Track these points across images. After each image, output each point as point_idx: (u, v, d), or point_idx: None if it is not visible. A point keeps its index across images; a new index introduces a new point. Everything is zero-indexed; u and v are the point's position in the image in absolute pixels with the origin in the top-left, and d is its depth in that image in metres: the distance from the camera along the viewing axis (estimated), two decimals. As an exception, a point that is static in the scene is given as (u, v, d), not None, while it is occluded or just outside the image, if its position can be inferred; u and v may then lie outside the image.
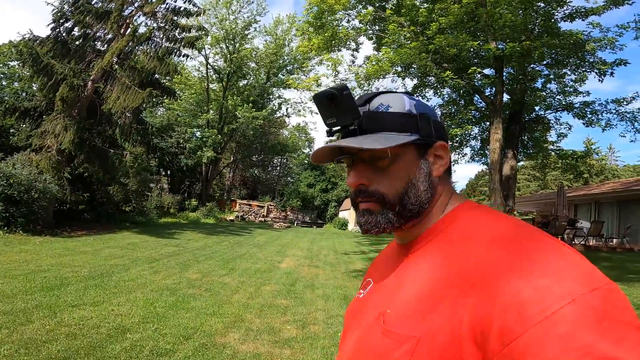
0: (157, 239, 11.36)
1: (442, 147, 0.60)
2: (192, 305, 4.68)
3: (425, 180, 0.58)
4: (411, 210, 0.57)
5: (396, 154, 0.57)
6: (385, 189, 0.57)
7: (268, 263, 8.43)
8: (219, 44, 21.98)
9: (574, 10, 8.41)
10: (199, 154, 22.03)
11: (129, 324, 3.82)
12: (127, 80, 11.31)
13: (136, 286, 5.49)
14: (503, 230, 0.50)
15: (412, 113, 0.58)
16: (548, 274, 0.41)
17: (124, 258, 7.73)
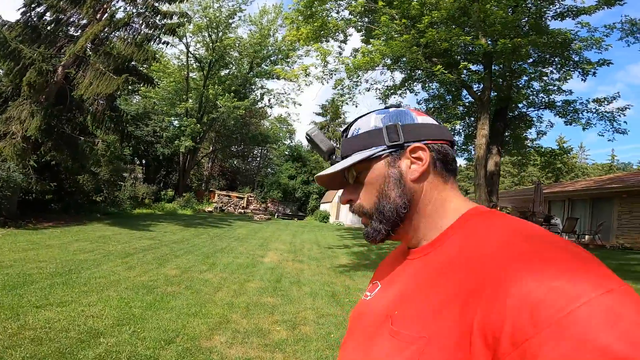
0: (131, 232, 10.81)
1: (418, 149, 0.60)
2: (172, 305, 4.36)
3: (396, 186, 0.59)
4: (390, 217, 0.59)
5: (365, 168, 0.61)
6: (364, 202, 0.62)
7: (250, 257, 8.14)
8: (201, 32, 21.13)
9: (565, 9, 8.46)
10: (176, 143, 21.21)
11: (102, 326, 3.48)
12: (102, 66, 10.72)
13: (109, 284, 5.10)
14: (515, 233, 0.50)
15: (377, 128, 0.61)
16: (562, 275, 0.40)
17: (94, 252, 7.25)
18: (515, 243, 0.47)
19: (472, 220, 0.57)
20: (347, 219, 21.56)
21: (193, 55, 22.54)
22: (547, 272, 0.41)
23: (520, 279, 0.42)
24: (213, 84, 21.39)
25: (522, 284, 0.41)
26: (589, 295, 0.38)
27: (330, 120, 35.13)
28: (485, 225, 0.55)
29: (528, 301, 0.40)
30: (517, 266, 0.43)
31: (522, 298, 0.40)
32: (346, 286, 6.14)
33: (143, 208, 19.00)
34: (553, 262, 0.42)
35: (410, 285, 0.57)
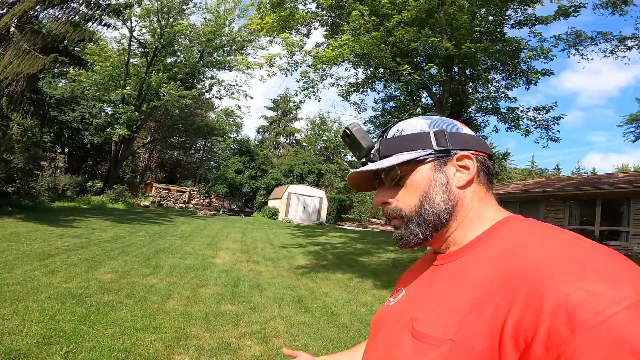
0: (50, 228, 9.28)
1: (466, 158, 0.60)
2: (113, 318, 3.59)
3: (442, 191, 0.58)
4: (431, 221, 0.58)
5: (410, 170, 0.60)
6: (402, 205, 0.60)
7: (200, 258, 7.36)
8: (149, 16, 19.11)
9: (525, 17, 8.93)
10: (109, 131, 18.96)
11: (23, 346, 2.69)
12: (26, 44, 9.14)
13: (25, 292, 4.11)
14: (554, 238, 0.48)
15: (423, 132, 0.61)
16: (602, 279, 0.40)
17: (5, 253, 5.96)
18: (553, 248, 0.46)
19: (506, 226, 0.56)
20: (296, 216, 21.16)
21: (137, 40, 20.37)
22: (586, 277, 0.40)
23: (558, 282, 0.41)
24: (157, 70, 19.52)
25: (560, 287, 0.40)
26: (630, 299, 0.38)
27: (281, 115, 34.41)
28: (521, 232, 0.53)
29: (566, 305, 0.39)
30: (554, 270, 0.42)
31: (560, 302, 0.39)
32: (310, 290, 5.75)
33: (64, 201, 16.71)
34: (592, 267, 0.42)
35: (437, 289, 0.56)
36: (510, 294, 0.44)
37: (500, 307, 0.44)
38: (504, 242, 0.52)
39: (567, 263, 0.43)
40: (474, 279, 0.50)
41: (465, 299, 0.49)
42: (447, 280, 0.55)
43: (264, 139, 34.99)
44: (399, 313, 0.60)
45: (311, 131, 33.73)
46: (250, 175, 24.31)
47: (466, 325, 0.46)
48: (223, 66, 22.25)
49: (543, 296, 0.41)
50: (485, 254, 0.53)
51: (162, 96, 19.46)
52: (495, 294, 0.46)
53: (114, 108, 19.88)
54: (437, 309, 0.52)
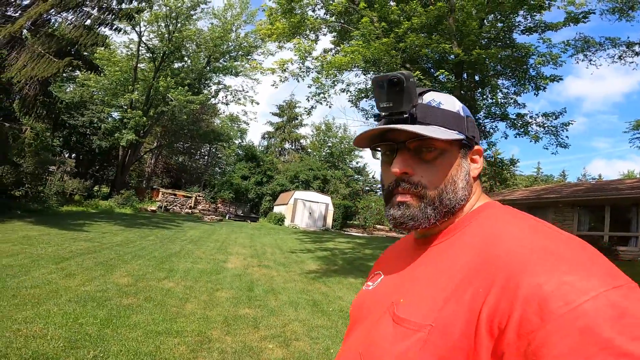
0: (61, 232, 9.34)
1: (479, 152, 0.63)
2: (135, 321, 3.60)
3: (464, 179, 0.58)
4: (447, 205, 0.57)
5: (443, 149, 0.58)
6: (427, 182, 0.57)
7: (212, 263, 7.38)
8: (157, 21, 19.38)
9: (534, 24, 8.98)
10: (116, 136, 19.11)
11: (50, 350, 2.70)
12: (40, 47, 9.28)
13: (45, 295, 4.14)
14: (531, 229, 0.49)
15: (460, 114, 0.60)
16: (573, 270, 0.41)
17: (19, 256, 6.00)
18: (531, 238, 0.47)
19: (486, 211, 0.57)
20: (302, 222, 21.14)
21: (145, 45, 20.63)
22: (559, 267, 0.42)
23: (533, 272, 0.42)
24: (165, 76, 19.73)
25: (534, 277, 0.41)
26: (598, 290, 0.39)
27: (287, 121, 34.54)
28: (498, 219, 0.54)
29: (538, 294, 0.40)
30: (529, 259, 0.43)
31: (532, 290, 0.40)
32: (324, 294, 5.74)
33: (73, 205, 16.80)
34: (565, 258, 0.43)
35: (418, 274, 0.55)
36: (487, 281, 0.45)
37: (478, 293, 0.45)
38: (483, 229, 0.53)
39: (541, 253, 0.44)
40: (454, 265, 0.51)
41: (445, 284, 0.49)
42: (428, 265, 0.55)
43: (269, 144, 35.14)
44: (380, 297, 0.59)
45: (316, 137, 33.83)
46: (256, 181, 24.38)
47: (445, 310, 0.47)
48: (230, 71, 22.45)
49: (517, 284, 0.42)
50: (464, 240, 0.54)
51: (169, 101, 19.63)
52: (474, 280, 0.46)
53: (121, 113, 20.06)
54: (418, 294, 0.52)
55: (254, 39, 22.45)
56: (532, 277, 0.41)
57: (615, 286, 0.40)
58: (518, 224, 0.51)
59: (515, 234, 0.49)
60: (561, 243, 0.46)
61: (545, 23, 9.01)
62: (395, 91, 0.57)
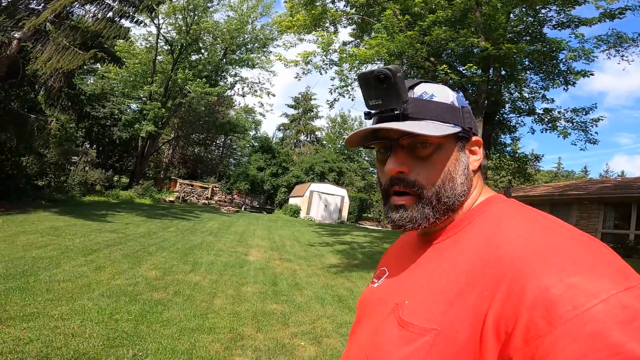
0: (86, 222, 9.56)
1: (478, 143, 0.60)
2: (168, 317, 3.64)
3: (463, 173, 0.56)
4: (446, 203, 0.55)
5: (438, 144, 0.56)
6: (423, 180, 0.55)
7: (234, 256, 7.44)
8: (175, 14, 19.45)
9: (567, 19, 8.62)
10: (136, 127, 19.40)
11: (90, 349, 2.74)
12: (65, 40, 9.40)
13: (78, 289, 4.23)
14: (535, 225, 0.48)
15: (454, 105, 0.57)
16: (580, 271, 0.40)
17: (49, 248, 6.16)
18: (535, 237, 0.45)
19: (490, 207, 0.55)
20: (317, 214, 21.17)
21: (164, 37, 20.76)
22: (566, 269, 0.40)
23: (538, 274, 0.40)
24: (183, 68, 19.86)
25: (540, 279, 0.40)
26: (608, 292, 0.37)
27: (302, 113, 34.44)
28: (503, 214, 0.52)
29: (545, 297, 0.38)
30: (536, 261, 0.42)
31: (539, 294, 0.39)
32: (348, 289, 5.72)
33: (94, 195, 17.21)
34: (572, 258, 0.41)
35: (421, 273, 0.54)
36: (492, 284, 0.43)
37: (482, 297, 0.44)
38: (486, 227, 0.52)
39: (547, 254, 0.42)
40: (457, 265, 0.49)
41: (450, 287, 0.48)
42: (431, 265, 0.54)
43: (285, 136, 35.16)
44: (384, 296, 0.58)
45: (332, 129, 33.65)
46: (272, 172, 24.46)
47: (450, 314, 0.46)
48: (246, 63, 22.44)
49: (523, 288, 0.40)
50: (467, 239, 0.52)
51: (187, 93, 19.77)
52: (478, 283, 0.45)
53: (141, 104, 20.33)
54: (422, 296, 0.51)
55: (270, 31, 22.32)
56: (538, 280, 0.40)
57: (628, 287, 0.38)
58: (521, 220, 0.49)
59: (518, 233, 0.47)
60: (568, 240, 0.44)
61: (579, 18, 8.61)
62: (383, 88, 0.54)
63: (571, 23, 8.68)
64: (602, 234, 12.66)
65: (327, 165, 25.47)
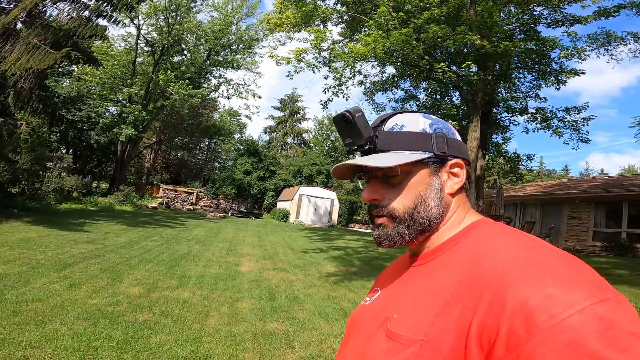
0: (61, 232, 8.87)
1: (458, 165, 0.61)
2: (156, 343, 3.15)
3: (436, 196, 0.59)
4: (422, 224, 0.58)
5: (407, 171, 0.59)
6: (396, 205, 0.59)
7: (224, 267, 6.93)
8: (156, 14, 18.71)
9: (562, 17, 8.53)
10: (115, 131, 18.52)
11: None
12: (36, 39, 8.75)
13: (49, 311, 3.68)
14: (519, 244, 0.50)
15: (425, 132, 0.60)
16: (558, 283, 0.42)
17: (17, 262, 5.54)
18: (517, 253, 0.48)
19: (475, 231, 0.57)
20: (307, 218, 20.69)
21: (144, 38, 19.96)
22: (544, 281, 0.42)
23: (518, 286, 0.43)
24: (165, 69, 19.11)
25: (519, 291, 0.42)
26: (583, 303, 0.39)
27: (289, 115, 33.89)
28: (488, 237, 0.54)
29: (524, 308, 0.40)
30: (515, 274, 0.44)
31: (518, 304, 0.41)
32: (351, 300, 5.31)
33: (71, 203, 16.29)
34: (551, 271, 0.43)
35: (410, 290, 0.57)
36: (476, 296, 0.45)
37: (467, 308, 0.45)
38: (472, 247, 0.54)
39: (527, 267, 0.44)
40: (444, 281, 0.51)
41: (436, 300, 0.50)
42: (420, 282, 0.56)
43: (271, 139, 34.53)
44: (375, 312, 0.60)
45: (319, 131, 33.26)
46: (259, 176, 23.84)
47: (436, 325, 0.47)
48: (231, 65, 21.83)
49: (504, 299, 0.42)
50: (454, 258, 0.54)
51: (170, 95, 19.04)
52: (463, 295, 0.47)
53: (120, 107, 19.46)
54: (410, 310, 0.52)
55: (255, 32, 21.85)
56: (517, 292, 0.42)
57: (602, 299, 0.40)
58: (506, 240, 0.52)
59: (501, 250, 0.49)
60: (548, 256, 0.46)
61: (574, 16, 8.55)
62: (348, 127, 0.60)
63: (566, 21, 8.61)
64: (594, 232, 12.71)
65: (315, 168, 25.06)
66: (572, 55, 8.46)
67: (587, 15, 8.31)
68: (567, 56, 8.72)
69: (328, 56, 8.64)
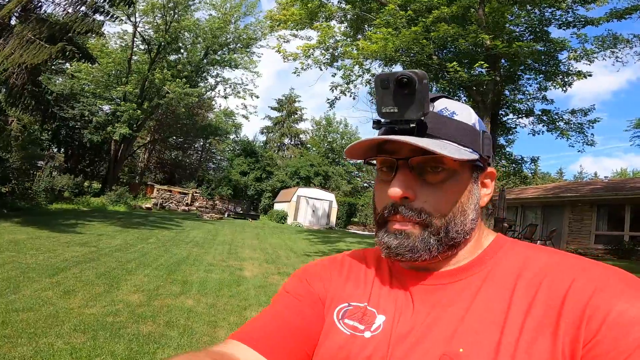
0: (53, 234, 8.49)
1: (491, 175, 0.55)
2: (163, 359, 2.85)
3: (475, 208, 0.52)
4: (453, 238, 0.50)
5: (453, 170, 0.50)
6: (432, 208, 0.49)
7: (227, 271, 6.61)
8: (153, 11, 18.33)
9: (574, 18, 8.40)
10: (109, 130, 18.06)
11: None
12: (30, 33, 8.40)
13: (43, 321, 3.36)
14: (569, 258, 0.46)
15: (476, 129, 0.52)
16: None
17: (6, 267, 5.18)
18: (584, 264, 0.45)
19: (504, 245, 0.52)
20: (305, 220, 20.40)
21: (141, 36, 19.54)
22: (637, 295, 0.40)
23: (610, 300, 0.40)
24: (161, 67, 18.72)
25: (614, 305, 0.40)
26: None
27: (286, 115, 33.55)
28: (526, 252, 0.49)
29: (623, 320, 0.38)
30: (604, 285, 0.41)
31: (616, 318, 0.39)
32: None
33: (62, 203, 15.83)
34: (635, 285, 0.41)
35: (458, 314, 0.47)
36: (563, 315, 0.41)
37: (557, 331, 0.41)
38: (514, 258, 0.49)
39: (612, 282, 0.41)
40: (505, 299, 0.45)
41: (515, 326, 0.42)
42: (466, 303, 0.47)
43: (268, 139, 34.17)
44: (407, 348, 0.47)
45: (317, 132, 32.99)
46: (256, 177, 23.47)
47: (527, 354, 0.41)
48: (229, 64, 21.49)
49: (597, 313, 0.39)
50: (504, 274, 0.48)
51: (166, 94, 18.65)
52: (548, 316, 0.42)
53: (114, 106, 19.00)
54: (477, 340, 0.43)
55: (254, 31, 21.57)
56: (611, 305, 0.39)
57: None
58: (550, 255, 0.47)
59: (567, 265, 0.45)
60: (618, 271, 0.44)
61: (586, 18, 8.42)
62: (404, 94, 0.46)
63: (577, 22, 8.49)
64: (596, 235, 12.63)
65: (313, 169, 24.77)
66: (580, 57, 8.35)
67: (599, 17, 8.21)
68: (576, 58, 8.60)
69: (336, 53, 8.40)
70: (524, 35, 8.26)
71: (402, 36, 7.05)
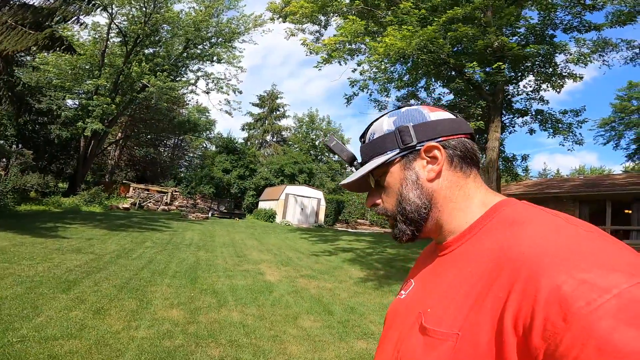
0: (37, 239, 7.72)
1: (433, 148, 0.58)
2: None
3: (415, 188, 0.58)
4: (412, 217, 0.59)
5: (383, 172, 0.61)
6: (387, 205, 0.62)
7: (249, 277, 6.24)
8: (130, 3, 17.01)
9: (578, 23, 8.66)
10: (79, 125, 16.67)
11: None
12: (11, 19, 7.42)
13: (96, 350, 2.96)
14: (546, 225, 0.48)
15: (389, 131, 0.60)
16: (594, 267, 0.40)
17: (7, 281, 4.60)
18: (546, 236, 0.45)
19: (501, 212, 0.54)
20: (294, 218, 20.02)
21: (118, 28, 18.13)
22: (578, 265, 0.40)
23: (551, 272, 0.41)
24: (138, 61, 17.49)
25: (552, 277, 0.40)
26: (620, 286, 0.37)
27: (268, 112, 32.65)
28: (514, 219, 0.52)
29: (558, 295, 0.39)
30: (548, 260, 0.42)
31: (552, 292, 0.39)
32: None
33: (31, 204, 14.50)
34: (585, 254, 0.41)
35: (441, 282, 0.55)
36: (506, 286, 0.44)
37: (498, 299, 0.44)
38: (497, 233, 0.51)
39: (558, 251, 0.42)
40: (475, 270, 0.50)
41: (468, 291, 0.48)
42: (450, 272, 0.55)
43: (250, 136, 33.16)
44: (410, 306, 0.59)
45: (299, 129, 32.44)
46: (239, 174, 22.68)
47: (470, 318, 0.46)
48: (211, 58, 20.50)
49: (537, 287, 0.41)
50: (482, 244, 0.52)
51: (145, 88, 17.47)
52: (494, 286, 0.46)
53: (85, 100, 17.55)
54: (443, 303, 0.51)
55: (237, 25, 20.75)
56: (550, 278, 0.40)
57: (638, 281, 0.37)
58: (533, 223, 0.49)
59: (529, 233, 0.47)
60: (579, 238, 0.44)
61: (590, 23, 8.73)
62: (335, 154, 0.72)
63: (582, 27, 8.78)
64: (580, 230, 13.36)
65: (297, 167, 24.36)
66: (577, 60, 8.68)
67: (603, 23, 8.54)
68: (574, 60, 8.94)
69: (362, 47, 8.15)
70: (529, 37, 8.46)
71: (421, 33, 6.95)
